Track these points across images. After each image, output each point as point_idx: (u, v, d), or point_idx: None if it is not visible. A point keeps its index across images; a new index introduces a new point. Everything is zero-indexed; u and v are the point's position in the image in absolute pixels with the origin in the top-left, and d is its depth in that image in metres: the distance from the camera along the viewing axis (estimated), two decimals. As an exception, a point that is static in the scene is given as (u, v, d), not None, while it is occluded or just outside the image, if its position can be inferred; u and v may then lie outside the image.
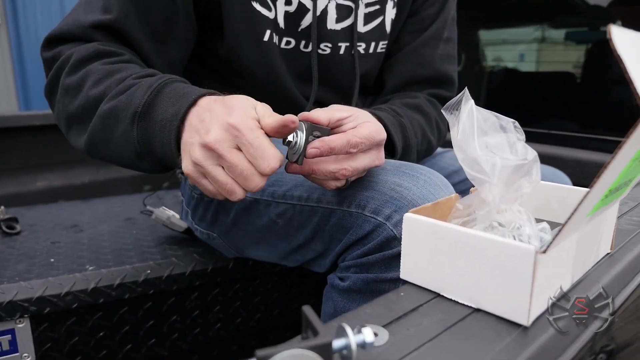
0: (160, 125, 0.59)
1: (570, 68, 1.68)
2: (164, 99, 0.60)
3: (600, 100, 1.54)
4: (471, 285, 0.43)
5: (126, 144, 0.62)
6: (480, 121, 0.51)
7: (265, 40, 0.79)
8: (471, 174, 0.46)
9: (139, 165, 0.65)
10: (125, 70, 0.65)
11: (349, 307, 0.71)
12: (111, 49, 0.69)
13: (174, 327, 1.05)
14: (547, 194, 0.60)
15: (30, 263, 1.01)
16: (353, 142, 0.59)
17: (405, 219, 0.47)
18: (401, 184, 0.66)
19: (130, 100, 0.61)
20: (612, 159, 0.34)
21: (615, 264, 0.54)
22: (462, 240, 0.42)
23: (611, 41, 0.33)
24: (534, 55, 1.84)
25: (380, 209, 0.65)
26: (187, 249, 1.08)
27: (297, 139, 0.58)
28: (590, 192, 0.35)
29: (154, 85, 0.61)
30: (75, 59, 0.67)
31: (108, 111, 0.62)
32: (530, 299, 0.39)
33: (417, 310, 0.43)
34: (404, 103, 0.87)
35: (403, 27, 0.92)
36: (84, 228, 1.24)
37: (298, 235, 0.77)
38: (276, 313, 1.17)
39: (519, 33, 1.90)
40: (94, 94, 0.64)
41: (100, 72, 0.65)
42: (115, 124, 0.62)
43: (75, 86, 0.66)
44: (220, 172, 0.55)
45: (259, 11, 0.77)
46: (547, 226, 0.52)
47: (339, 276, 0.73)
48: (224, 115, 0.54)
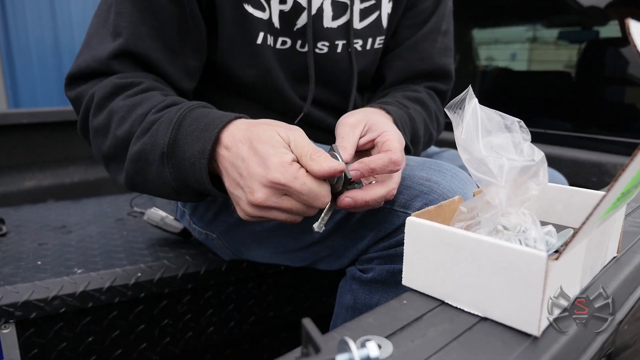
0: (190, 162, 0.59)
1: (565, 67, 1.67)
2: (186, 134, 0.60)
3: (595, 100, 1.53)
4: (478, 293, 0.41)
5: (162, 182, 0.63)
6: (485, 120, 0.49)
7: (258, 43, 0.77)
8: (477, 176, 0.44)
9: (182, 198, 0.67)
10: (146, 103, 0.64)
11: (370, 299, 0.71)
12: (129, 81, 0.68)
13: (165, 331, 1.03)
14: (551, 195, 0.58)
15: (16, 266, 0.98)
16: (394, 159, 0.59)
17: (408, 222, 0.45)
18: (430, 178, 0.66)
19: (155, 141, 0.61)
20: (630, 161, 0.32)
21: (622, 269, 0.52)
22: (468, 246, 0.40)
23: (630, 36, 0.31)
24: (529, 54, 1.83)
25: (410, 203, 0.65)
26: (180, 250, 1.05)
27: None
28: (606, 196, 0.33)
29: (174, 119, 0.61)
30: (98, 98, 0.67)
31: (137, 155, 0.63)
32: (541, 308, 0.37)
33: (422, 319, 0.41)
34: (406, 96, 0.86)
35: (400, 21, 0.90)
36: (72, 229, 1.21)
37: (314, 233, 0.75)
38: (271, 315, 1.14)
39: (513, 32, 1.89)
40: (121, 134, 0.64)
41: (122, 110, 0.65)
42: (147, 167, 0.63)
43: (103, 127, 0.67)
44: (278, 214, 0.57)
45: (251, 14, 0.75)
46: (553, 229, 0.50)
47: (360, 268, 0.73)
48: (260, 169, 0.54)
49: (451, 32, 0.96)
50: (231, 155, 0.57)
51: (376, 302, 0.71)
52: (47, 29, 4.10)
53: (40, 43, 4.10)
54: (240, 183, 0.56)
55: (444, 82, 0.96)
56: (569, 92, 1.63)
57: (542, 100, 1.70)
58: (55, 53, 4.17)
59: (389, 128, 0.65)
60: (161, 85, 0.71)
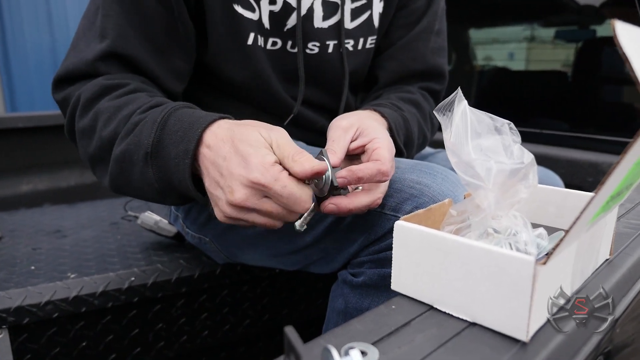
0: (174, 162, 0.59)
1: (561, 67, 1.67)
2: (170, 133, 0.59)
3: (592, 99, 1.53)
4: (466, 298, 0.40)
5: (146, 184, 0.62)
6: (474, 123, 0.48)
7: (249, 44, 0.76)
8: (465, 179, 0.43)
9: (165, 201, 0.66)
10: (132, 104, 0.64)
11: (361, 303, 0.71)
12: (115, 82, 0.67)
13: (160, 336, 1.02)
14: (543, 197, 0.58)
15: (10, 271, 0.97)
16: (383, 170, 0.58)
17: (396, 227, 0.44)
18: (420, 181, 0.65)
19: (139, 140, 0.61)
20: (619, 161, 0.32)
21: (615, 271, 0.52)
22: (456, 250, 0.40)
23: (616, 38, 0.30)
24: (525, 54, 1.83)
25: (400, 207, 0.65)
26: (174, 254, 1.04)
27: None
28: (594, 199, 0.33)
29: (158, 119, 0.60)
30: (84, 99, 0.67)
31: (121, 155, 0.62)
32: (529, 313, 0.36)
33: (410, 324, 0.40)
34: (400, 97, 0.85)
35: (393, 20, 0.89)
36: (67, 233, 1.20)
37: (305, 236, 0.74)
38: (266, 318, 1.14)
39: (509, 32, 1.88)
40: (106, 135, 0.64)
41: (108, 111, 0.64)
42: (131, 167, 0.62)
43: (89, 128, 0.66)
44: (257, 217, 0.56)
45: (241, 14, 0.74)
46: (544, 232, 0.50)
47: (352, 272, 0.72)
48: (241, 169, 0.53)
49: (444, 31, 0.96)
50: (212, 155, 0.56)
51: (367, 307, 0.70)
52: (43, 32, 4.09)
53: (36, 46, 4.09)
54: (220, 183, 0.55)
55: (438, 82, 0.95)
56: (565, 92, 1.63)
57: (538, 100, 1.70)
58: (51, 56, 4.17)
59: (381, 134, 0.64)
60: (148, 87, 0.71)
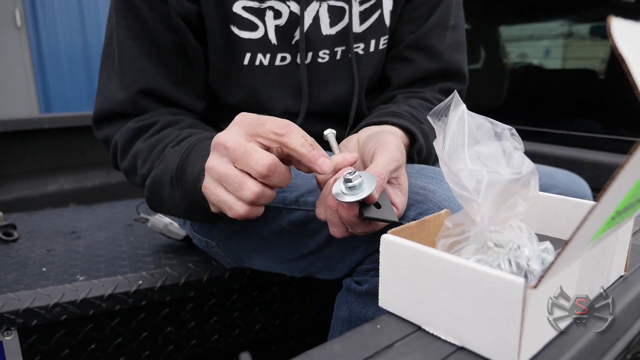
0: (193, 184, 0.63)
1: (591, 65, 1.59)
2: (193, 158, 0.64)
3: (623, 99, 1.44)
4: (454, 320, 0.37)
5: (174, 205, 0.68)
6: (473, 128, 0.45)
7: (245, 64, 0.77)
8: (456, 192, 0.40)
9: (195, 219, 0.72)
10: (164, 141, 0.70)
11: (365, 312, 0.68)
12: (145, 123, 0.73)
13: (169, 339, 1.02)
14: (554, 207, 0.54)
15: (22, 272, 0.98)
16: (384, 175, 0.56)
17: (382, 241, 0.41)
18: (425, 186, 0.63)
19: (167, 166, 0.67)
20: (622, 166, 0.28)
21: (629, 289, 0.47)
22: (443, 268, 0.37)
23: (611, 35, 0.27)
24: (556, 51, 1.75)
25: (405, 213, 0.62)
26: (183, 257, 1.04)
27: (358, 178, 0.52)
28: (594, 210, 0.29)
29: (185, 147, 0.66)
30: (121, 145, 0.75)
31: (152, 181, 0.69)
32: (520, 340, 0.33)
33: (392, 347, 0.37)
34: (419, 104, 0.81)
35: (400, 16, 0.85)
36: (82, 235, 1.22)
37: (310, 242, 0.73)
38: (277, 324, 1.12)
39: (538, 28, 1.81)
40: (144, 172, 0.72)
41: (144, 152, 0.72)
42: (161, 191, 0.69)
43: (131, 169, 0.75)
44: (220, 190, 0.57)
45: (237, 35, 0.74)
46: (550, 246, 0.46)
47: (356, 280, 0.70)
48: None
49: (462, 26, 0.89)
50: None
51: (371, 316, 0.67)
52: (76, 33, 4.20)
53: (70, 48, 4.20)
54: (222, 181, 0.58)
55: (458, 82, 0.89)
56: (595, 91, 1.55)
57: (567, 99, 1.62)
58: (84, 58, 4.27)
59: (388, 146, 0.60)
60: (176, 116, 0.76)
